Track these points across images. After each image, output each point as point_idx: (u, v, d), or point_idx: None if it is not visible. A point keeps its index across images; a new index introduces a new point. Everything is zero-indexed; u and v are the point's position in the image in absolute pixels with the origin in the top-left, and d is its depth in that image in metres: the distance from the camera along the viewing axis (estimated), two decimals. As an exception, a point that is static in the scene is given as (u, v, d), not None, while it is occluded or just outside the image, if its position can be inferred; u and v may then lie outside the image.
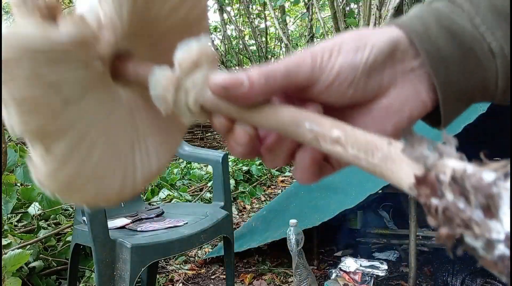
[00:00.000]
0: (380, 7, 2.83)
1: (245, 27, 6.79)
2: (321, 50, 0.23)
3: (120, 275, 1.09)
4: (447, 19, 0.23)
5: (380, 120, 0.24)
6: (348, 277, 1.50)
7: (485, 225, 0.16)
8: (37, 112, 0.19)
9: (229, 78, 0.22)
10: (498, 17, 0.22)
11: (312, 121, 0.21)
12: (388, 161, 0.19)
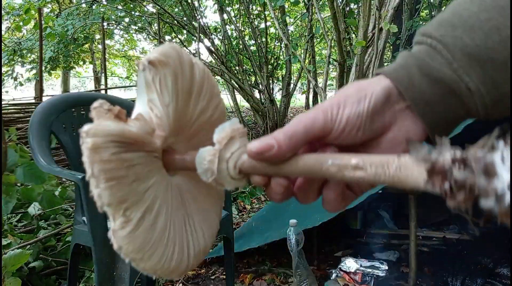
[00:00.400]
0: (380, 7, 2.83)
1: (245, 28, 6.79)
2: (330, 106, 0.28)
3: (120, 275, 1.09)
4: (428, 67, 0.27)
5: (389, 151, 0.29)
6: (348, 277, 1.50)
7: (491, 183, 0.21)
8: (120, 185, 0.26)
9: (261, 144, 0.27)
10: (472, 62, 0.26)
11: (333, 157, 0.26)
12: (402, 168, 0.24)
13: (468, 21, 0.27)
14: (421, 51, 0.28)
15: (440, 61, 0.27)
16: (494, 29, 0.26)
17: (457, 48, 0.27)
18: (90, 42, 8.14)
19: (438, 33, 0.28)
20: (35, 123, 1.26)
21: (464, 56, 0.27)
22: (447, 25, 0.28)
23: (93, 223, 1.08)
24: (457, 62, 0.27)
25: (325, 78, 3.33)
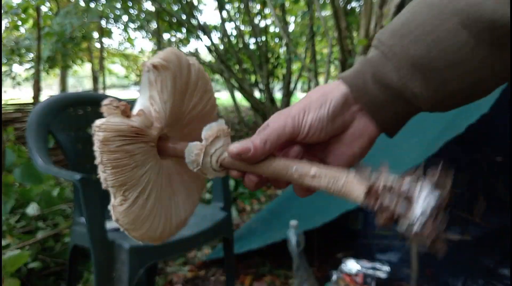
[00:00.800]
0: (382, 5, 2.81)
1: (245, 26, 6.77)
2: (297, 111, 0.34)
3: (119, 276, 1.08)
4: (380, 74, 0.33)
5: (349, 144, 0.35)
6: (350, 278, 1.49)
7: (407, 212, 0.27)
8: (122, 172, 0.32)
9: (241, 147, 0.33)
10: (416, 70, 0.31)
11: (298, 165, 0.32)
12: (348, 184, 0.30)
13: (415, 32, 0.31)
14: (375, 57, 0.33)
15: (390, 68, 0.32)
16: (436, 41, 0.31)
17: (404, 58, 0.31)
18: (88, 41, 8.11)
19: (389, 42, 0.32)
20: (33, 123, 1.25)
21: (409, 65, 0.31)
22: (397, 35, 0.32)
23: (91, 224, 1.06)
24: (403, 70, 0.32)
25: (326, 77, 3.31)
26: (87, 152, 1.39)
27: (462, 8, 0.30)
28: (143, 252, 1.08)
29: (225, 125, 0.35)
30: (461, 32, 0.30)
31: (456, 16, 0.30)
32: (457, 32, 0.30)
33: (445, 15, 0.30)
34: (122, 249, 1.06)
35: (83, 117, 1.42)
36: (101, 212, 1.08)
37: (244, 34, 6.50)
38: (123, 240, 1.09)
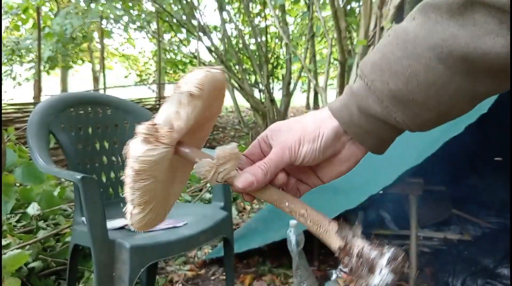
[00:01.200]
0: (381, 6, 2.82)
1: (245, 26, 6.77)
2: (293, 143, 0.38)
3: (119, 276, 1.08)
4: (365, 105, 0.36)
5: (339, 166, 0.40)
6: (349, 278, 1.50)
7: (369, 278, 0.33)
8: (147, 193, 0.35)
9: (245, 183, 0.37)
10: (397, 102, 0.35)
11: (290, 201, 0.38)
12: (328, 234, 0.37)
13: (393, 67, 0.34)
14: (360, 89, 0.36)
15: (374, 99, 0.35)
16: (413, 75, 0.33)
17: (385, 92, 0.35)
18: (89, 41, 8.12)
19: (371, 77, 0.35)
20: (34, 123, 1.25)
21: (390, 97, 0.35)
22: (377, 69, 0.35)
23: (92, 223, 1.07)
24: (385, 102, 0.35)
25: (326, 78, 3.32)
26: (87, 152, 1.40)
27: (436, 43, 0.32)
28: (144, 251, 1.08)
29: (237, 149, 0.38)
30: (436, 66, 0.32)
31: (430, 51, 0.32)
32: (433, 66, 0.32)
33: (420, 51, 0.33)
34: (123, 248, 1.07)
35: (84, 117, 1.42)
36: (102, 212, 1.08)
37: (244, 35, 6.50)
38: (124, 239, 1.09)
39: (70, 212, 2.07)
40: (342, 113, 0.38)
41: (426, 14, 0.33)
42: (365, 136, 0.38)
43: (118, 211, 1.39)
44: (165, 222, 1.27)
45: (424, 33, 0.33)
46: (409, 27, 0.34)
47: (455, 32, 0.31)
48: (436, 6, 0.32)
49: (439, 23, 0.32)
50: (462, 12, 0.31)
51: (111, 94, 2.32)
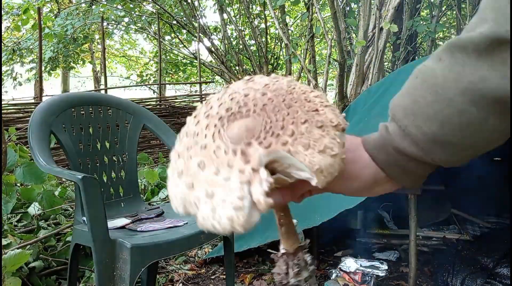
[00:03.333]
0: (380, 7, 2.82)
1: (245, 28, 6.78)
2: None
3: (120, 275, 1.09)
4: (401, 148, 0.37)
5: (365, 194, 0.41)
6: (348, 277, 1.50)
7: None
8: None
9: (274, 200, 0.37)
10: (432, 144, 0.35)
11: None
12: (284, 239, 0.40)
13: (425, 111, 0.34)
14: (395, 132, 0.37)
15: (409, 142, 0.36)
16: (446, 119, 0.33)
17: (420, 136, 0.35)
18: (90, 42, 8.13)
19: (404, 121, 0.36)
20: (35, 123, 1.26)
21: (426, 141, 0.35)
22: (410, 114, 0.35)
23: (93, 223, 1.07)
24: (421, 144, 0.35)
25: (325, 78, 3.32)
26: (88, 151, 1.41)
27: (466, 87, 0.32)
28: (145, 251, 1.09)
29: None
30: (469, 108, 0.32)
31: (462, 95, 0.32)
32: (466, 109, 0.32)
33: (451, 95, 0.33)
34: (124, 248, 1.08)
35: (85, 117, 1.43)
36: (103, 211, 1.09)
37: (244, 36, 6.51)
38: (125, 239, 1.10)
39: (71, 212, 2.07)
40: (380, 154, 0.38)
41: (453, 54, 0.33)
42: (403, 176, 0.38)
43: (119, 211, 1.40)
44: (166, 221, 1.28)
45: (453, 76, 0.32)
46: (436, 69, 0.34)
47: (484, 74, 0.31)
48: (462, 46, 0.32)
49: (467, 64, 0.32)
50: (490, 52, 0.31)
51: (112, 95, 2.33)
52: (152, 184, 2.66)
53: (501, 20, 0.30)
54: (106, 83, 5.36)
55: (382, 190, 0.40)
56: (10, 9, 6.75)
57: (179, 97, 5.46)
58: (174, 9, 6.81)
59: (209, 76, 9.07)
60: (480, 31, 0.31)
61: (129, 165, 1.48)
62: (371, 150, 0.39)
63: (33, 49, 6.89)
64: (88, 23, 6.54)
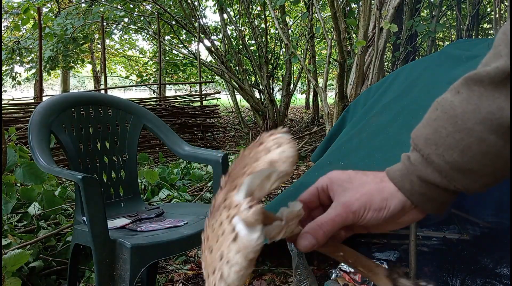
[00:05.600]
0: (380, 7, 2.82)
1: (245, 28, 6.78)
2: (358, 208, 0.40)
3: (120, 275, 1.09)
4: (424, 176, 0.38)
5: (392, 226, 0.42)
6: (348, 277, 1.50)
7: None
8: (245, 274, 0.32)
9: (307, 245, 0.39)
10: (454, 172, 0.37)
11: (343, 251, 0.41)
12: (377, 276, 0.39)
13: (446, 141, 0.36)
14: (417, 161, 0.39)
15: (431, 170, 0.38)
16: (466, 147, 0.35)
17: (442, 164, 0.37)
18: (89, 42, 8.13)
19: (426, 151, 0.38)
20: (35, 123, 1.26)
21: (448, 169, 0.37)
22: (432, 144, 0.37)
23: (93, 223, 1.07)
24: (443, 172, 0.37)
25: (325, 78, 3.32)
26: (88, 151, 1.41)
27: (485, 117, 0.34)
28: (145, 251, 1.09)
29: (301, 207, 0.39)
30: (488, 137, 0.34)
31: (481, 125, 0.34)
32: (485, 138, 0.35)
33: (471, 125, 0.35)
34: (124, 248, 1.08)
35: (85, 117, 1.43)
36: (103, 211, 1.09)
37: (244, 36, 6.51)
38: (125, 239, 1.10)
39: (71, 212, 2.07)
40: (404, 183, 0.40)
41: (469, 87, 0.35)
42: (427, 203, 0.39)
43: (119, 211, 1.40)
44: (166, 221, 1.28)
45: (472, 108, 0.35)
46: (455, 101, 0.36)
47: (501, 104, 0.33)
48: (479, 79, 0.35)
49: (484, 96, 0.34)
50: (506, 84, 0.33)
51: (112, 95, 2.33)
52: (152, 184, 2.66)
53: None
54: (106, 83, 5.36)
55: (408, 219, 0.41)
56: (10, 9, 6.75)
57: (179, 97, 5.45)
58: (174, 9, 6.81)
59: (209, 76, 9.07)
60: (496, 65, 0.34)
61: (129, 165, 1.48)
62: (395, 179, 0.40)
63: (33, 49, 6.89)
64: (88, 23, 6.54)
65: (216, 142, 5.45)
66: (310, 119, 8.29)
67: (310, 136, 5.46)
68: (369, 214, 0.39)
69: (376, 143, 1.46)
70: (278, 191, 3.04)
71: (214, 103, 6.14)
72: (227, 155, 1.43)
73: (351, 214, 0.39)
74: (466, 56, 1.47)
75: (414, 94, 1.50)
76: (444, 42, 8.31)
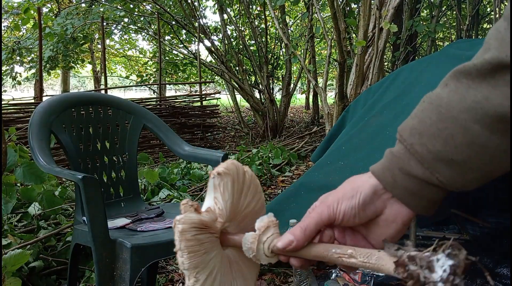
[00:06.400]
0: (380, 7, 2.83)
1: (245, 28, 6.78)
2: (332, 201, 0.40)
3: (120, 275, 1.09)
4: (407, 167, 0.37)
5: (386, 227, 0.40)
6: (348, 277, 1.50)
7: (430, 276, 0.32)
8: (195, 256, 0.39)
9: (284, 242, 0.39)
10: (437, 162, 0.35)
11: (335, 247, 0.39)
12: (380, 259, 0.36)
13: (430, 130, 0.36)
14: (400, 152, 0.38)
15: (414, 161, 0.37)
16: (449, 136, 0.35)
17: (424, 154, 0.36)
18: (89, 42, 8.13)
19: (410, 140, 0.37)
20: (35, 123, 1.26)
21: (430, 159, 0.36)
22: (415, 133, 0.37)
23: (93, 223, 1.07)
24: (426, 163, 0.36)
25: (325, 78, 3.32)
26: (88, 151, 1.41)
27: (470, 106, 0.33)
28: (145, 250, 1.09)
29: (274, 217, 0.41)
30: (472, 126, 0.33)
31: (465, 113, 0.34)
32: (469, 127, 0.33)
33: (455, 113, 0.34)
34: (124, 247, 1.08)
35: (85, 117, 1.43)
36: (103, 211, 1.09)
37: (244, 36, 6.51)
38: (125, 239, 1.10)
39: (71, 212, 2.07)
40: (385, 175, 0.39)
41: (458, 79, 0.35)
42: (410, 197, 0.38)
43: (119, 211, 1.40)
44: (166, 221, 1.28)
45: (458, 97, 0.34)
46: (442, 93, 0.36)
47: (487, 94, 0.32)
48: (467, 71, 0.34)
49: (471, 87, 0.33)
50: (493, 75, 0.32)
51: (112, 95, 2.33)
52: (152, 184, 2.66)
53: (502, 46, 0.32)
54: (106, 83, 5.36)
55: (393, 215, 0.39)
56: (10, 9, 6.75)
57: (179, 97, 5.46)
58: (174, 9, 6.81)
59: (209, 76, 9.07)
60: (484, 57, 0.33)
61: (129, 165, 1.49)
62: (376, 172, 0.39)
63: (33, 49, 6.89)
64: (88, 23, 6.54)
65: (216, 142, 5.45)
66: (310, 119, 8.30)
67: (310, 136, 5.46)
68: (343, 204, 0.39)
69: (376, 143, 1.46)
70: (278, 191, 3.05)
71: (214, 103, 6.15)
72: (227, 155, 1.43)
73: (325, 208, 0.39)
74: (466, 56, 1.47)
75: (414, 94, 1.50)
76: (444, 42, 8.31)
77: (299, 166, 3.92)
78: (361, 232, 0.41)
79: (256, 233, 0.40)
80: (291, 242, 0.38)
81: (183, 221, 0.38)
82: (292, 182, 2.80)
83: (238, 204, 0.43)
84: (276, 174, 3.47)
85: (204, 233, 0.39)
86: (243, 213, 0.44)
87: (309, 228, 0.39)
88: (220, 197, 0.41)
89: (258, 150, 4.00)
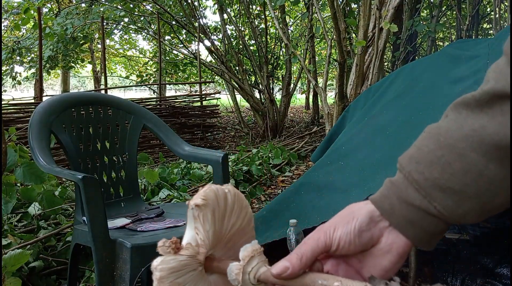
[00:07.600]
0: (380, 7, 2.83)
1: (245, 28, 6.78)
2: (328, 227, 0.38)
3: (120, 275, 1.09)
4: (404, 195, 0.37)
5: (380, 258, 0.38)
6: (348, 277, 1.50)
7: None
8: None
9: (280, 268, 0.37)
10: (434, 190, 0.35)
11: (322, 278, 0.37)
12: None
13: (428, 157, 0.36)
14: (398, 181, 0.38)
15: (412, 189, 0.36)
16: (446, 164, 0.35)
17: (422, 181, 0.36)
18: (89, 42, 8.13)
19: (408, 168, 0.37)
20: (35, 123, 1.26)
21: (428, 186, 0.36)
22: (413, 162, 0.37)
23: (93, 223, 1.08)
24: (423, 191, 0.36)
25: (325, 78, 3.32)
26: (88, 151, 1.41)
27: (467, 134, 0.34)
28: (145, 250, 1.09)
29: (258, 245, 0.40)
30: (469, 154, 0.34)
31: (463, 141, 0.34)
32: (466, 155, 0.34)
33: (452, 141, 0.35)
34: (124, 247, 1.08)
35: (85, 117, 1.43)
36: (103, 211, 1.09)
37: (244, 36, 6.51)
38: (125, 239, 1.10)
39: (71, 212, 2.07)
40: (383, 202, 0.38)
41: (458, 110, 0.36)
42: (408, 226, 0.37)
43: (119, 211, 1.40)
44: (166, 221, 1.28)
45: (456, 126, 0.35)
46: (442, 123, 0.37)
47: (484, 123, 0.33)
48: (466, 103, 0.35)
49: (470, 116, 0.34)
50: (491, 105, 0.33)
51: (112, 95, 2.33)
52: (152, 184, 2.66)
53: (500, 78, 0.33)
54: (106, 83, 5.36)
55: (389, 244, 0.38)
56: (10, 9, 6.75)
57: (179, 97, 5.46)
58: (174, 9, 6.81)
59: (209, 76, 9.07)
60: (482, 89, 0.34)
61: (129, 165, 1.49)
62: (374, 200, 0.39)
63: (33, 49, 6.89)
64: (88, 23, 6.54)
65: (216, 142, 5.46)
66: (310, 119, 8.30)
67: (310, 136, 5.46)
68: (338, 230, 0.38)
69: (376, 143, 1.46)
70: (278, 191, 3.05)
71: (214, 103, 6.15)
72: (227, 155, 1.43)
73: (322, 234, 0.38)
74: (466, 56, 1.47)
75: (414, 94, 1.50)
76: (444, 42, 8.31)
77: (299, 166, 3.92)
78: (355, 266, 0.40)
79: (240, 264, 0.39)
80: (287, 269, 0.37)
81: (160, 268, 0.37)
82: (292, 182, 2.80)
83: (222, 229, 0.42)
84: (276, 174, 3.47)
85: (184, 274, 0.38)
86: (229, 235, 0.43)
87: (305, 255, 0.38)
88: (201, 227, 0.40)
89: (258, 150, 4.00)
